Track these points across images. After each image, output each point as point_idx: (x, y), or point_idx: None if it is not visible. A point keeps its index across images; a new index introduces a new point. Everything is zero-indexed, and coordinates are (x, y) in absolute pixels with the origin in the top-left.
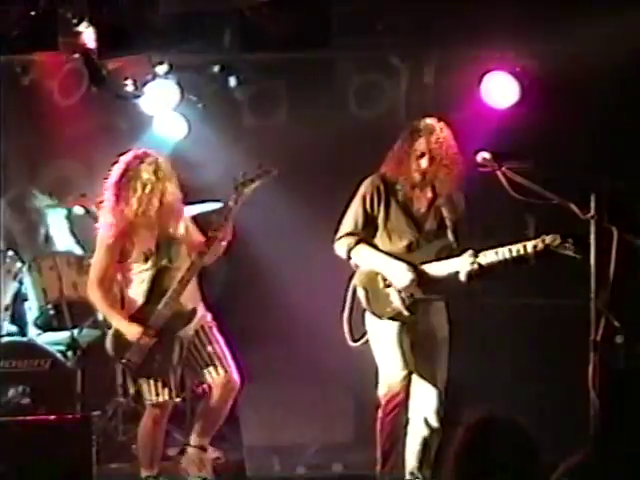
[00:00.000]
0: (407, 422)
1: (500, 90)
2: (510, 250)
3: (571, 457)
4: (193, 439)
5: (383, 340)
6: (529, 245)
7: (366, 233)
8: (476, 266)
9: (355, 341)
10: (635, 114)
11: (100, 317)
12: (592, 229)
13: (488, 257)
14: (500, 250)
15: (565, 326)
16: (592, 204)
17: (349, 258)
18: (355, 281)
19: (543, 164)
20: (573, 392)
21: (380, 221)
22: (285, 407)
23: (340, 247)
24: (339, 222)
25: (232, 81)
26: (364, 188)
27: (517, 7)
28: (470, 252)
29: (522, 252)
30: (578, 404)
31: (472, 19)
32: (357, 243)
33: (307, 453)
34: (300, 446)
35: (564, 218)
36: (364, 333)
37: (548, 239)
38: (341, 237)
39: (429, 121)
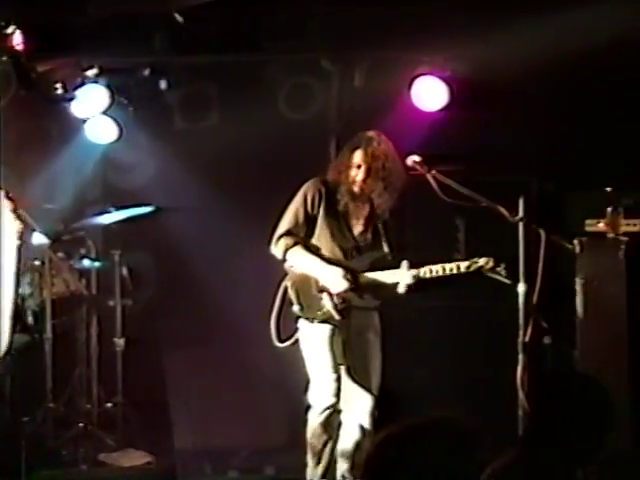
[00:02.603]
0: (339, 425)
1: (430, 93)
2: (444, 268)
3: (500, 457)
4: None
5: (314, 342)
6: (462, 265)
7: (305, 233)
8: (414, 280)
9: (282, 341)
10: (564, 116)
11: (30, 321)
12: (520, 231)
13: (422, 272)
14: (435, 268)
15: (495, 328)
16: (520, 206)
17: (284, 259)
18: (287, 282)
19: (472, 167)
20: (503, 393)
21: (319, 223)
22: (217, 410)
23: (278, 247)
24: (277, 221)
25: (163, 84)
26: (306, 188)
27: (446, 12)
28: (407, 265)
29: (455, 271)
30: (508, 405)
31: (402, 23)
32: (295, 244)
33: (239, 457)
34: (232, 450)
35: (493, 220)
36: (292, 334)
37: (481, 262)
38: (280, 236)
39: (369, 134)
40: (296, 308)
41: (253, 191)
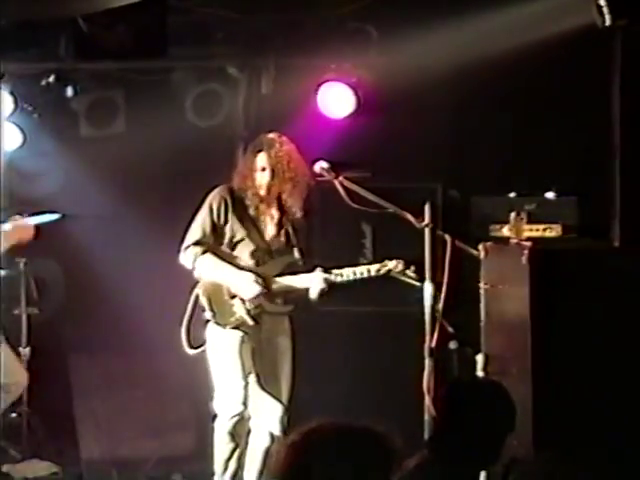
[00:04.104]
0: (248, 432)
1: (336, 100)
2: (354, 272)
3: (406, 461)
4: None
5: (222, 349)
6: (372, 269)
7: (213, 242)
8: (326, 285)
9: (193, 348)
10: (468, 123)
11: None
12: (427, 237)
13: (333, 277)
14: (345, 272)
15: (401, 333)
16: (426, 212)
17: (193, 268)
18: (198, 290)
19: (379, 174)
20: (410, 397)
21: (227, 232)
22: (124, 419)
23: (186, 257)
24: (185, 231)
25: (69, 91)
26: (211, 197)
27: (353, 19)
28: (320, 270)
29: (365, 275)
30: (414, 409)
31: (309, 30)
32: (203, 253)
33: (146, 465)
34: (139, 458)
35: (400, 226)
36: (203, 342)
37: (391, 264)
38: (188, 246)
39: (270, 136)
40: (209, 314)
41: (160, 198)
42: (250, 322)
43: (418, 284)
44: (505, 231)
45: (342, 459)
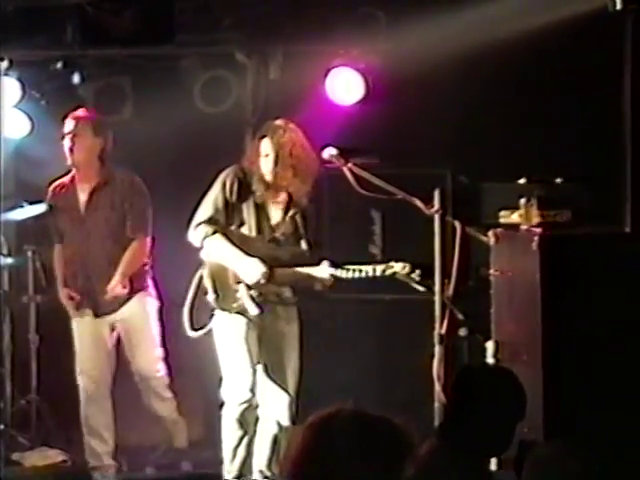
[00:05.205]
0: (256, 420)
1: (345, 86)
2: (360, 270)
3: (419, 448)
4: None
5: (228, 336)
6: (378, 269)
7: (224, 222)
8: (332, 279)
9: (195, 330)
10: (480, 110)
11: None
12: (436, 223)
13: (338, 272)
14: (351, 269)
15: (411, 320)
16: (436, 199)
17: (202, 247)
18: (203, 271)
19: (388, 160)
20: (420, 385)
21: (236, 212)
22: (132, 407)
23: (196, 234)
24: (195, 208)
25: (76, 77)
26: (224, 175)
27: (361, 4)
28: (327, 264)
29: (370, 274)
30: (425, 396)
31: (317, 16)
32: (214, 233)
33: (155, 453)
34: (148, 446)
35: (409, 213)
36: (205, 324)
37: (397, 267)
38: (200, 224)
39: (276, 122)
40: (211, 297)
41: (168, 184)
42: (254, 310)
43: (423, 289)
44: (515, 217)
45: (359, 446)
